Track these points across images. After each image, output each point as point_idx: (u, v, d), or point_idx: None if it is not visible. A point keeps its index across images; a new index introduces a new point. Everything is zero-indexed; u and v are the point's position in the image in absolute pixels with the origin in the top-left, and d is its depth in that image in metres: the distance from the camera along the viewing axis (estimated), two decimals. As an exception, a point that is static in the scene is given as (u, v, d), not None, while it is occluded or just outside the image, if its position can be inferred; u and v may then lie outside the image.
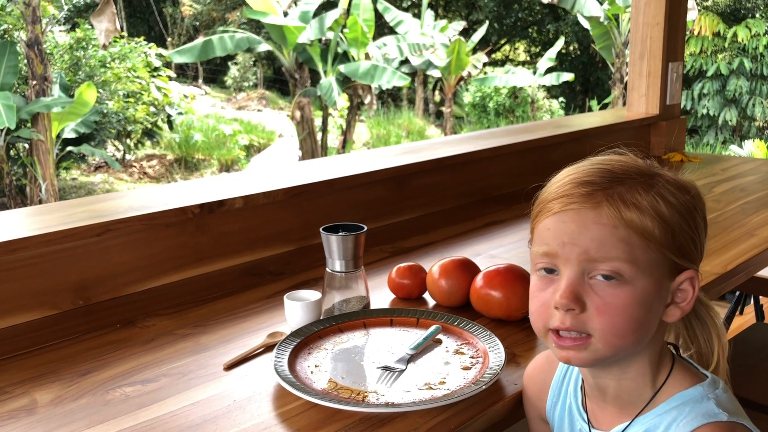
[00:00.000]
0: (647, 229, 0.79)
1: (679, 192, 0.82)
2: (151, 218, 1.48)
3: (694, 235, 0.82)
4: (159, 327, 1.30)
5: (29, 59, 9.37)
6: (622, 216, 0.79)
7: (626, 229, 0.78)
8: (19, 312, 1.32)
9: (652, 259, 0.80)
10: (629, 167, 0.84)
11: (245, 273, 1.59)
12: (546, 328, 0.84)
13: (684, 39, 2.93)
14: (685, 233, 0.81)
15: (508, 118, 14.92)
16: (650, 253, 0.79)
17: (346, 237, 1.24)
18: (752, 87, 12.52)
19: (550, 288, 0.83)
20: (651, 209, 0.79)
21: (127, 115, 11.88)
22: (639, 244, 0.79)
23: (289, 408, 1.01)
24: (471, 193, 2.20)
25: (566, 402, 0.97)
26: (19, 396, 1.06)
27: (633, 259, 0.79)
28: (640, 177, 0.82)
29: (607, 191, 0.80)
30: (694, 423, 0.80)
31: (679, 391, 0.84)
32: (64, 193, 10.87)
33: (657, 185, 0.81)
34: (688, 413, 0.81)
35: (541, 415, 1.02)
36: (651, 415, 0.84)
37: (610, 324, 0.79)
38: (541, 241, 0.84)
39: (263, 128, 14.97)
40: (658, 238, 0.79)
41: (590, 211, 0.79)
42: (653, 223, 0.79)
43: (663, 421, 0.83)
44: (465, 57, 13.86)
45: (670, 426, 0.82)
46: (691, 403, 0.82)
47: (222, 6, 18.97)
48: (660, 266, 0.80)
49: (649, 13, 2.79)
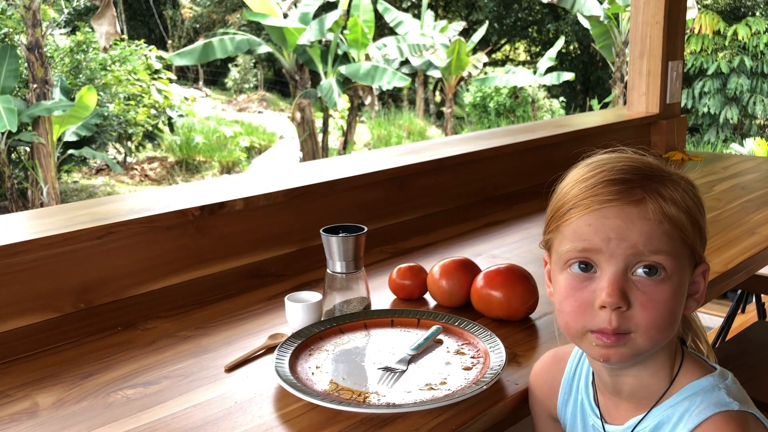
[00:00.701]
0: (683, 223, 0.81)
1: (691, 187, 0.85)
2: (151, 221, 1.49)
3: (704, 228, 0.85)
4: (160, 329, 1.30)
5: (30, 63, 9.38)
6: (664, 211, 0.80)
7: (669, 224, 0.80)
8: (21, 315, 1.33)
9: (686, 253, 0.82)
10: (652, 164, 0.85)
11: (246, 275, 1.59)
12: (585, 329, 0.82)
13: (684, 38, 2.93)
14: (701, 227, 0.84)
15: (509, 118, 14.92)
16: (685, 246, 0.82)
17: (346, 238, 1.24)
18: (753, 85, 12.51)
19: (589, 287, 0.81)
20: (683, 203, 0.82)
21: (128, 117, 11.89)
22: (678, 237, 0.81)
23: (291, 409, 1.01)
24: (471, 193, 2.20)
25: (578, 398, 0.97)
26: (20, 399, 1.06)
27: (675, 252, 0.80)
28: (665, 173, 0.84)
29: (644, 187, 0.81)
30: (706, 412, 0.81)
31: (690, 382, 0.85)
32: (65, 196, 10.88)
33: (679, 181, 0.84)
34: (700, 403, 0.82)
35: (551, 413, 1.02)
36: (664, 407, 0.85)
37: (654, 319, 0.80)
38: (577, 238, 0.82)
39: (264, 130, 14.98)
40: (690, 232, 0.82)
41: (633, 207, 0.80)
42: (686, 217, 0.82)
43: (676, 412, 0.84)
44: (465, 57, 13.86)
45: (683, 416, 0.83)
46: (702, 393, 0.83)
47: (222, 8, 18.99)
48: (689, 259, 0.83)
49: (649, 12, 2.79)
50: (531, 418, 1.09)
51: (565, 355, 1.01)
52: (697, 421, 0.81)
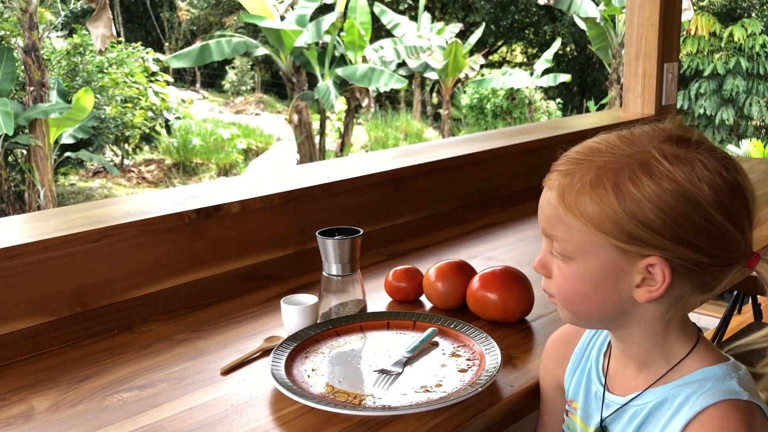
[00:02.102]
0: (582, 212, 0.82)
1: (650, 181, 0.79)
2: (148, 224, 1.49)
3: (653, 223, 0.79)
4: (156, 332, 1.30)
5: (26, 65, 9.37)
6: (564, 199, 0.83)
7: (563, 210, 0.83)
8: (17, 319, 1.33)
9: (593, 242, 0.82)
10: (599, 150, 0.84)
11: (242, 277, 1.59)
12: None
13: (679, 39, 2.94)
14: (633, 220, 0.79)
15: (506, 119, 14.94)
16: (588, 234, 0.82)
17: (342, 241, 1.25)
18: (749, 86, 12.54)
19: None
20: (590, 191, 0.81)
21: (125, 120, 11.88)
22: (575, 225, 0.83)
23: (287, 412, 1.01)
24: (467, 195, 2.21)
25: (587, 366, 0.99)
26: (16, 403, 1.06)
27: (569, 238, 0.84)
28: (596, 162, 0.83)
29: (563, 173, 0.85)
30: (714, 397, 0.82)
31: (703, 367, 0.85)
32: (62, 198, 10.87)
33: (624, 173, 0.80)
34: (710, 388, 0.83)
35: (558, 381, 1.04)
36: (670, 386, 0.86)
37: (562, 292, 0.88)
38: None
39: (261, 132, 14.98)
40: (598, 223, 0.81)
41: (548, 192, 0.87)
42: (594, 207, 0.81)
43: (682, 392, 0.84)
44: (462, 59, 13.87)
45: (689, 397, 0.83)
46: (713, 379, 0.84)
47: (219, 10, 18.99)
48: (605, 248, 0.82)
49: (644, 14, 2.80)
50: (529, 417, 1.09)
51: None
52: (705, 404, 0.81)
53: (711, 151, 0.81)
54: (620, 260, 0.82)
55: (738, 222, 0.81)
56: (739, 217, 0.81)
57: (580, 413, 0.98)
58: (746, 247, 0.82)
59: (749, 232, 0.83)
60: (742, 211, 0.81)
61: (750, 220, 0.82)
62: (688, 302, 0.87)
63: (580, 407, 0.98)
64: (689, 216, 0.78)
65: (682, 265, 0.81)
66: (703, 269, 0.81)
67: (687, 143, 0.82)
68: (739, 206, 0.81)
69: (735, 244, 0.81)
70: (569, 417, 1.01)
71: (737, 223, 0.80)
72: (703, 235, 0.79)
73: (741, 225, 0.81)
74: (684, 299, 0.86)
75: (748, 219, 0.82)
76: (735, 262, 0.82)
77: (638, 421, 0.88)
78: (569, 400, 1.01)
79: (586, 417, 0.97)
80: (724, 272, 0.83)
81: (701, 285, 0.84)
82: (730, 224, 0.80)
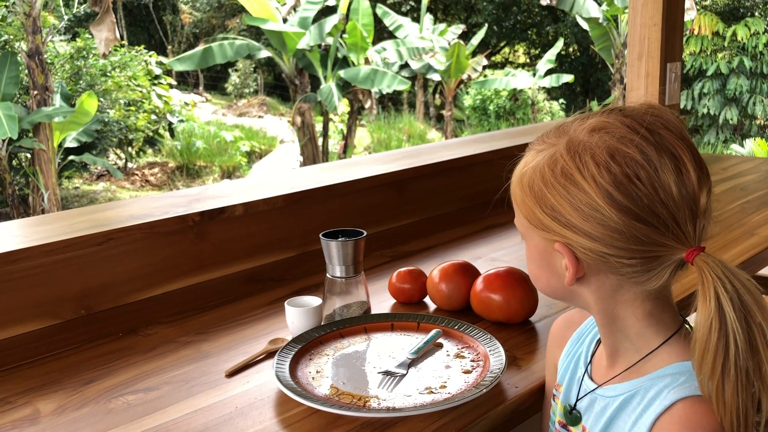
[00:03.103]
0: (516, 196, 0.89)
1: (550, 172, 0.83)
2: (151, 227, 1.49)
3: (551, 210, 0.83)
4: (161, 335, 1.30)
5: (30, 69, 9.40)
6: (511, 186, 0.90)
7: (512, 197, 0.91)
8: (22, 322, 1.33)
9: (525, 224, 0.89)
10: (536, 142, 0.89)
11: (246, 280, 1.59)
12: None
13: (682, 39, 2.94)
14: (537, 207, 0.85)
15: (509, 120, 14.93)
16: (521, 218, 0.89)
17: (345, 243, 1.25)
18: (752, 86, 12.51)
19: None
20: (518, 178, 0.88)
21: (129, 123, 11.90)
22: (515, 209, 0.90)
23: (291, 414, 1.01)
24: (471, 196, 2.21)
25: (578, 351, 1.00)
26: (22, 406, 1.06)
27: (517, 221, 0.91)
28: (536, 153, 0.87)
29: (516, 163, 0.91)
30: (686, 392, 0.81)
31: (677, 362, 0.84)
32: (66, 202, 10.89)
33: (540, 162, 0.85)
34: (683, 382, 0.82)
35: (556, 363, 1.05)
36: (642, 380, 0.85)
37: (528, 272, 0.94)
38: None
39: (264, 134, 14.99)
40: (522, 208, 0.88)
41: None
42: (519, 193, 0.88)
43: (654, 386, 0.84)
44: (464, 60, 13.87)
45: (661, 391, 0.82)
46: (687, 374, 0.82)
47: (221, 13, 19.02)
48: (533, 232, 0.88)
49: (647, 14, 2.80)
50: (533, 418, 1.10)
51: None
52: (675, 398, 0.80)
53: (614, 139, 0.80)
54: (545, 244, 0.87)
55: (635, 214, 0.78)
56: (638, 208, 0.78)
57: (561, 396, 0.99)
58: (665, 239, 0.79)
59: (672, 223, 0.79)
60: (643, 203, 0.78)
61: (665, 211, 0.78)
62: (630, 292, 0.84)
63: (563, 390, 0.99)
64: (578, 207, 0.81)
65: (586, 254, 0.82)
66: (608, 260, 0.81)
67: (595, 131, 0.82)
68: (636, 198, 0.78)
69: (637, 236, 0.78)
70: (554, 401, 1.02)
71: (634, 215, 0.78)
72: (594, 226, 0.80)
73: (641, 216, 0.78)
74: (620, 289, 0.84)
75: (661, 210, 0.78)
76: (654, 255, 0.80)
77: (609, 414, 0.88)
78: (557, 384, 1.02)
79: (566, 400, 0.98)
80: (647, 265, 0.81)
81: (629, 276, 0.82)
82: (624, 216, 0.78)
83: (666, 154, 0.80)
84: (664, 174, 0.79)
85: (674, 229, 0.79)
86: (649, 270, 0.81)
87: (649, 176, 0.79)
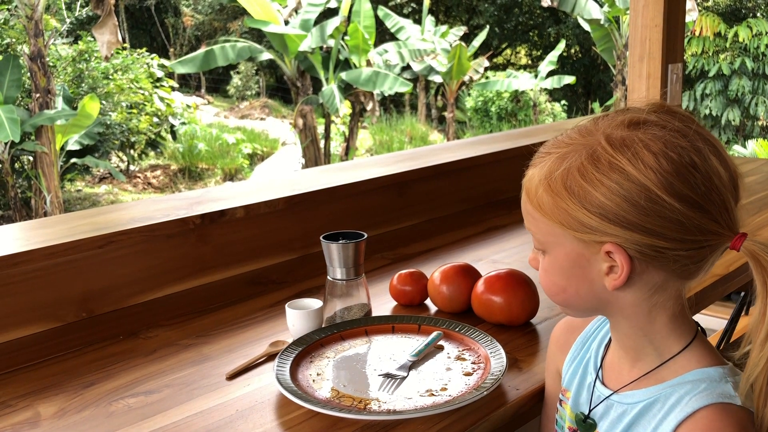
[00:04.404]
0: (542, 203, 0.84)
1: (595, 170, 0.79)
2: (152, 229, 1.49)
3: (601, 210, 0.79)
4: (162, 338, 1.30)
5: (32, 72, 9.42)
6: (528, 193, 0.87)
7: (529, 204, 0.87)
8: (23, 325, 1.33)
9: (556, 233, 0.84)
10: (555, 145, 0.87)
11: (247, 282, 1.59)
12: None
13: (683, 40, 2.93)
14: (582, 209, 0.80)
15: (511, 122, 14.93)
16: (550, 225, 0.84)
17: (346, 245, 1.25)
18: (755, 86, 12.50)
19: None
20: (545, 183, 0.83)
21: (131, 126, 11.93)
22: (539, 217, 0.85)
23: (292, 417, 1.01)
24: (472, 198, 2.21)
25: (585, 356, 0.99)
26: (22, 409, 1.06)
27: (538, 231, 0.86)
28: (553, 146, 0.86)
29: (531, 168, 0.88)
30: (707, 399, 0.80)
31: (699, 368, 0.84)
32: (68, 204, 10.90)
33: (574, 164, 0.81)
34: (704, 389, 0.81)
35: (558, 368, 1.04)
36: (662, 386, 0.85)
37: (543, 285, 0.89)
38: None
39: (266, 136, 15.01)
40: (554, 214, 0.83)
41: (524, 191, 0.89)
42: (549, 199, 0.83)
43: (675, 393, 0.83)
44: (466, 62, 13.87)
45: (683, 398, 0.82)
46: (708, 381, 0.82)
47: (223, 16, 19.05)
48: (567, 239, 0.83)
49: (648, 15, 2.80)
50: (534, 420, 1.09)
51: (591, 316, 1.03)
52: (697, 406, 0.80)
53: (662, 130, 0.79)
54: (582, 249, 0.83)
55: (695, 202, 0.77)
56: (697, 196, 0.77)
57: (570, 402, 0.98)
58: (719, 227, 0.78)
59: (723, 210, 0.78)
60: (701, 190, 0.77)
61: (719, 198, 0.78)
62: (670, 289, 0.83)
63: (571, 396, 0.98)
64: (634, 201, 0.77)
65: (641, 251, 0.79)
66: (664, 254, 0.79)
67: (636, 125, 0.80)
68: (695, 186, 0.77)
69: (697, 225, 0.77)
70: (561, 406, 1.01)
71: (694, 204, 0.77)
72: (652, 219, 0.77)
73: (700, 205, 0.77)
74: (663, 286, 0.83)
75: (715, 197, 0.77)
76: (708, 244, 0.79)
77: (628, 420, 0.87)
78: (563, 389, 1.01)
79: (576, 407, 0.97)
80: (699, 255, 0.80)
81: (678, 270, 0.81)
82: (684, 206, 0.76)
83: (705, 141, 0.79)
84: (712, 160, 0.79)
85: (725, 215, 0.79)
86: (700, 260, 0.81)
87: (703, 163, 0.78)
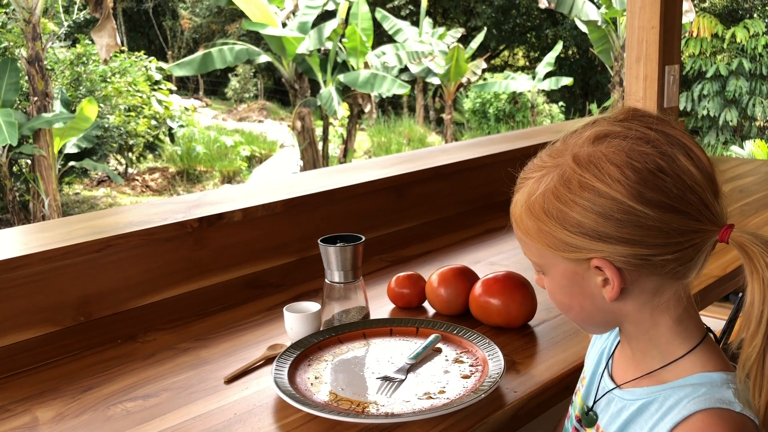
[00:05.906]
0: (527, 228, 0.85)
1: (567, 190, 0.81)
2: (150, 233, 1.49)
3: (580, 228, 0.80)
4: (160, 341, 1.30)
5: (30, 76, 9.41)
6: (514, 219, 0.88)
7: (518, 230, 0.88)
8: (21, 329, 1.33)
9: (545, 254, 0.85)
10: (530, 170, 0.89)
11: (245, 286, 1.59)
12: None
13: (680, 42, 2.94)
14: (563, 229, 0.81)
15: (509, 123, 14.93)
16: (539, 249, 0.85)
17: (344, 248, 1.25)
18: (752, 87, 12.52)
19: None
20: (526, 209, 0.85)
21: (129, 128, 11.91)
22: (528, 242, 0.87)
23: (290, 420, 1.01)
24: (470, 200, 2.21)
25: (604, 346, 0.99)
26: (20, 414, 1.06)
27: (531, 254, 0.88)
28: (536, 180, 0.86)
29: (514, 194, 0.89)
30: (706, 404, 0.80)
31: (702, 372, 0.84)
32: (67, 208, 10.89)
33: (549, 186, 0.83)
34: (704, 393, 0.81)
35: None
36: (662, 387, 0.85)
37: (552, 300, 0.90)
38: None
39: (264, 139, 15.00)
40: (539, 237, 0.84)
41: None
42: (531, 223, 0.84)
43: (674, 395, 0.83)
44: (464, 64, 13.88)
45: (681, 401, 0.82)
46: (708, 385, 0.82)
47: (221, 18, 19.05)
48: (557, 259, 0.84)
49: (644, 16, 2.80)
50: (533, 423, 1.09)
51: None
52: (694, 409, 0.80)
53: (624, 140, 0.79)
54: (575, 267, 0.84)
55: (669, 206, 0.77)
56: (670, 200, 0.77)
57: (583, 392, 0.98)
58: (701, 225, 0.79)
59: (702, 207, 0.79)
60: (673, 193, 0.77)
61: (694, 196, 0.78)
62: (668, 292, 0.83)
63: (585, 384, 0.98)
64: (609, 215, 0.78)
65: (627, 261, 0.80)
66: (651, 261, 0.79)
67: (601, 139, 0.82)
68: (666, 190, 0.77)
69: (676, 228, 0.78)
70: (575, 395, 1.01)
71: (668, 207, 0.77)
72: (630, 230, 0.78)
73: (675, 207, 0.78)
74: (660, 290, 0.83)
75: (690, 196, 0.78)
76: (692, 243, 0.79)
77: (626, 416, 0.87)
78: (582, 376, 1.01)
79: (587, 396, 0.97)
80: (686, 255, 0.80)
81: (669, 273, 0.81)
82: (658, 211, 0.77)
83: (673, 142, 0.80)
84: (681, 161, 0.79)
85: (705, 212, 0.79)
86: (690, 260, 0.81)
87: (670, 166, 0.78)
